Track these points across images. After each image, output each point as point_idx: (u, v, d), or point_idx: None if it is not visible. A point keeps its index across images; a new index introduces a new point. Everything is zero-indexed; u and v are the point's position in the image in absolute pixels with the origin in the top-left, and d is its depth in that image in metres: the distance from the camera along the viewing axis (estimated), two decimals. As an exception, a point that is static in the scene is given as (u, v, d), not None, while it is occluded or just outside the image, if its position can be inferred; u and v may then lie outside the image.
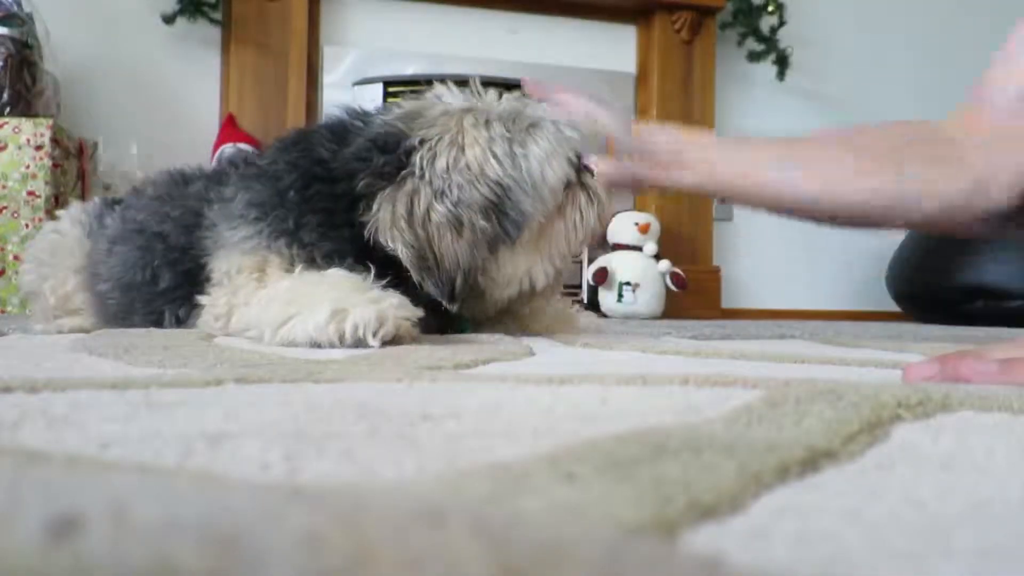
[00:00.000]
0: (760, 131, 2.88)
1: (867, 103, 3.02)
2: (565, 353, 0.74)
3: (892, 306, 2.76)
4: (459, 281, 0.80)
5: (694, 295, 2.55)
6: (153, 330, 0.89)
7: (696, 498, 0.20)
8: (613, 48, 2.70)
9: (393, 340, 0.71)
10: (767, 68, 2.74)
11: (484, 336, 0.83)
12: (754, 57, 2.73)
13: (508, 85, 2.65)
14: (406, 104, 0.88)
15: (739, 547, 0.18)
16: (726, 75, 2.80)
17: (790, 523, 0.20)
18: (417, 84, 2.14)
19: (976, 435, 0.31)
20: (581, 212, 0.86)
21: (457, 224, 0.79)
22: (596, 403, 0.37)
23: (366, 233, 0.79)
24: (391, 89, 2.41)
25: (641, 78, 2.71)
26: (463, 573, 0.13)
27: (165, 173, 1.04)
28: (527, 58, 2.52)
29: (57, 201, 1.90)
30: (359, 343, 0.69)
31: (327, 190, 0.81)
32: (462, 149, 0.81)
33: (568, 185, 0.85)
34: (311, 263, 0.79)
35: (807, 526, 0.20)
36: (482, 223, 0.80)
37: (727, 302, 2.77)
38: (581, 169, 0.87)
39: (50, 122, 1.89)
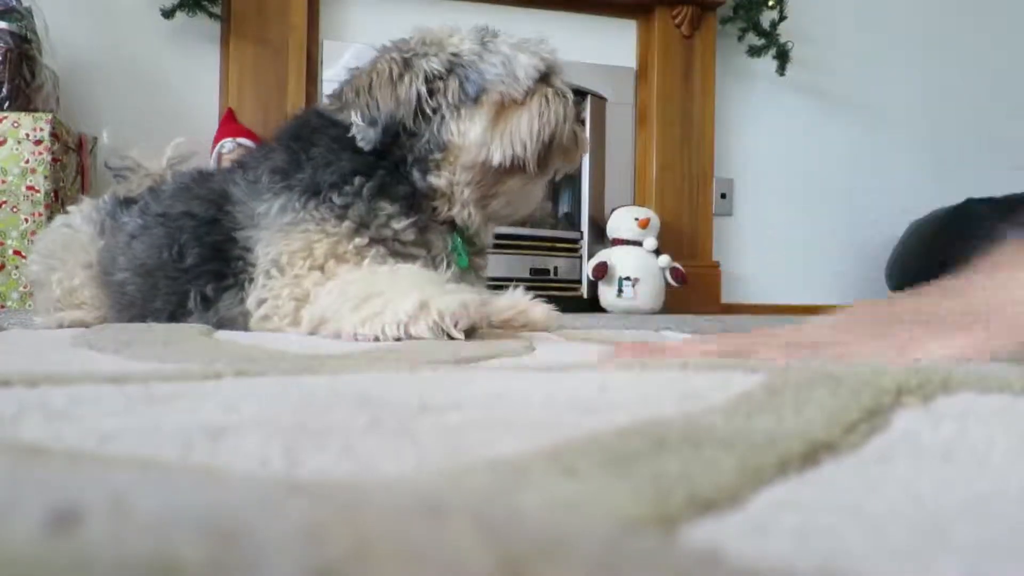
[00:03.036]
0: (760, 126, 2.88)
1: (868, 98, 3.01)
2: (566, 349, 0.74)
3: (892, 301, 2.76)
4: (398, 117, 0.89)
5: (694, 290, 2.55)
6: (154, 325, 0.89)
7: (695, 493, 0.20)
8: (613, 43, 2.70)
9: (470, 331, 0.74)
10: (767, 63, 2.74)
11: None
12: (754, 52, 2.72)
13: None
14: None
15: (738, 542, 0.18)
16: (726, 70, 2.79)
17: (789, 518, 0.20)
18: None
19: (976, 422, 0.31)
20: (548, 102, 0.90)
21: (400, 72, 0.90)
22: (595, 391, 0.37)
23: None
24: (391, 84, 2.40)
25: (641, 73, 2.71)
26: (463, 567, 0.13)
27: (184, 173, 1.06)
28: (527, 52, 2.52)
29: (57, 196, 1.90)
30: (442, 334, 0.72)
31: (329, 140, 0.91)
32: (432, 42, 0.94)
33: (539, 80, 0.91)
34: (343, 219, 0.86)
35: (806, 521, 0.20)
36: (421, 87, 0.90)
37: (727, 297, 2.78)
38: (553, 74, 0.93)
39: (49, 117, 1.88)
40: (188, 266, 0.93)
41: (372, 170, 0.89)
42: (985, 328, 0.45)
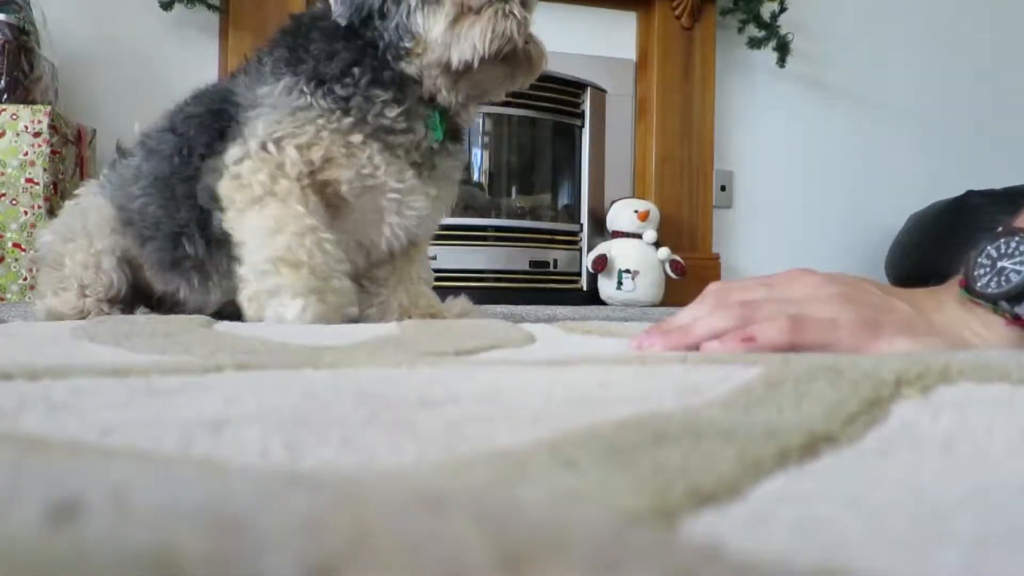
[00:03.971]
0: (760, 118, 2.88)
1: (868, 90, 3.01)
2: (567, 340, 0.74)
3: (892, 293, 2.76)
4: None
5: (693, 282, 2.55)
6: (154, 316, 0.89)
7: (695, 485, 0.20)
8: (613, 35, 2.69)
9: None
10: (768, 55, 2.73)
11: (485, 321, 0.84)
12: (755, 44, 2.72)
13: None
14: None
15: (738, 534, 0.18)
16: (726, 62, 2.79)
17: (789, 510, 0.20)
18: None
19: (976, 412, 0.31)
20: (500, 19, 0.94)
21: None
22: (595, 386, 0.37)
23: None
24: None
25: (641, 65, 2.70)
26: (463, 559, 0.13)
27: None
28: (527, 44, 2.51)
29: (56, 188, 1.90)
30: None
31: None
32: None
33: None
34: (347, 112, 0.92)
35: (806, 513, 0.20)
36: None
37: (727, 289, 2.78)
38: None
39: (48, 109, 1.88)
40: (198, 158, 0.97)
41: (364, 58, 0.94)
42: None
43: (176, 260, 1.01)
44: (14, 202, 1.85)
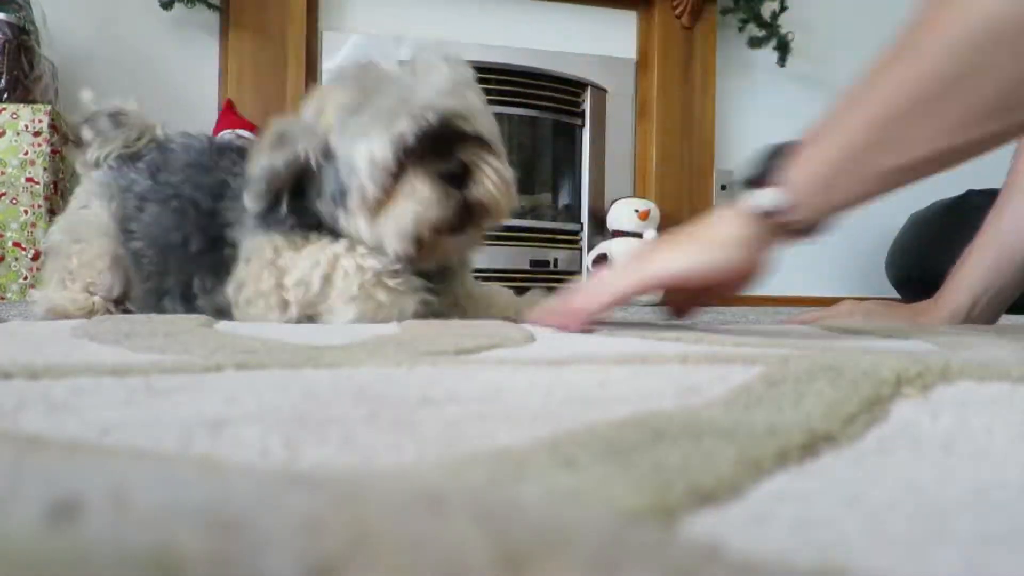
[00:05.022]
0: (760, 117, 2.88)
1: (868, 89, 3.01)
2: (567, 340, 0.74)
3: (892, 292, 2.76)
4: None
5: (694, 282, 2.55)
6: (154, 316, 0.89)
7: (695, 484, 0.20)
8: (614, 34, 2.69)
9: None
10: (768, 54, 2.73)
11: (483, 322, 0.84)
12: (755, 43, 2.72)
13: (507, 71, 2.62)
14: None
15: (738, 533, 0.18)
16: (727, 61, 2.79)
17: (789, 509, 0.20)
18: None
19: (975, 411, 0.31)
20: (408, 205, 0.82)
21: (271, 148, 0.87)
22: (595, 386, 0.37)
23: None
24: (390, 75, 2.40)
25: (642, 64, 2.70)
26: (463, 558, 0.13)
27: (197, 140, 1.05)
28: (527, 44, 2.51)
29: (56, 188, 1.90)
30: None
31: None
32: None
33: (421, 150, 0.82)
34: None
35: (806, 512, 0.20)
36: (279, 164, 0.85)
37: (727, 289, 2.78)
38: (422, 156, 0.82)
39: (48, 108, 1.88)
40: (193, 254, 0.95)
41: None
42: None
43: (160, 305, 1.00)
44: (14, 201, 1.85)
